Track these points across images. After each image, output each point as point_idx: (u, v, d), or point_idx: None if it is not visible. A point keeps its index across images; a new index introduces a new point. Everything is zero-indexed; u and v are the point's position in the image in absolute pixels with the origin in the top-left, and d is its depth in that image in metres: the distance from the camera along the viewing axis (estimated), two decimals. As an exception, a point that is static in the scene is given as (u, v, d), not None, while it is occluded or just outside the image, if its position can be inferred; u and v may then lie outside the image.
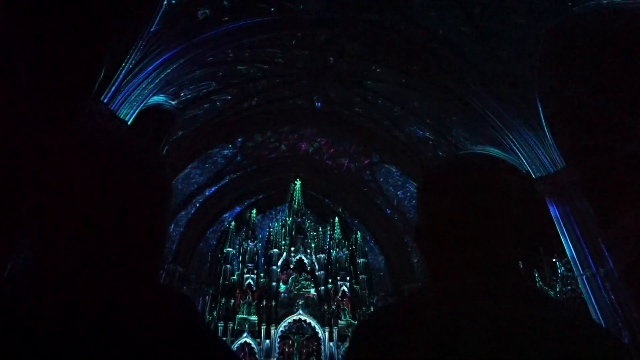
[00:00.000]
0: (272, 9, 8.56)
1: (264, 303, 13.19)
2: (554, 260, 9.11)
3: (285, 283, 13.84)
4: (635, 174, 6.64)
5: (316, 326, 13.20)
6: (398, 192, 14.77)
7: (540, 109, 8.25)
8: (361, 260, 15.20)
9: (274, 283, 13.58)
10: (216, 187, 14.18)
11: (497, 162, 1.13)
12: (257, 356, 12.38)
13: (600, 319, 6.93)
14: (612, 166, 7.03)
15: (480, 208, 1.00)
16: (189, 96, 10.16)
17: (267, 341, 12.61)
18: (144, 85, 7.69)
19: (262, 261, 14.45)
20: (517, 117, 8.61)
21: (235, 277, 13.76)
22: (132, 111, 7.55)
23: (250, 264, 14.10)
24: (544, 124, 8.32)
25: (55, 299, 0.73)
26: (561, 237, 7.74)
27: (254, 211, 15.55)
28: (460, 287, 0.95)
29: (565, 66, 7.52)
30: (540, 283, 8.96)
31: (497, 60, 8.39)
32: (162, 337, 0.74)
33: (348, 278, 14.50)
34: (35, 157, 0.86)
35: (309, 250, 14.57)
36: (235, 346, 12.30)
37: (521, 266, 1.00)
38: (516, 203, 1.01)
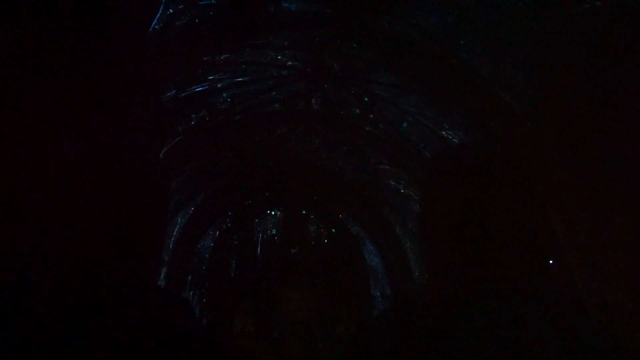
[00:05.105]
0: (271, 9, 8.58)
1: (263, 304, 13.18)
2: (550, 261, 9.13)
3: (283, 283, 13.84)
4: (633, 170, 6.68)
5: (314, 328, 13.19)
6: (395, 193, 14.77)
7: (533, 107, 8.30)
8: (359, 261, 15.21)
9: (273, 283, 13.58)
10: (215, 188, 14.16)
11: (502, 155, 1.12)
12: (255, 356, 12.36)
13: (598, 317, 6.95)
14: (610, 163, 7.06)
15: (481, 200, 0.99)
16: (187, 96, 10.15)
17: (266, 341, 12.60)
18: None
19: (260, 262, 14.44)
20: (512, 117, 8.64)
21: (233, 278, 13.74)
22: (132, 109, 7.51)
23: (248, 265, 14.10)
24: (539, 122, 8.35)
25: (51, 300, 0.73)
26: (558, 235, 7.77)
27: (253, 211, 15.53)
28: (457, 287, 0.94)
29: (561, 65, 7.55)
30: (539, 282, 8.94)
31: (493, 60, 8.43)
32: (159, 339, 0.74)
33: (347, 279, 14.50)
34: (33, 157, 0.85)
35: (307, 251, 14.57)
36: (234, 348, 12.27)
37: (521, 263, 1.00)
38: (517, 198, 1.01)
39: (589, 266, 7.36)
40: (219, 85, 10.74)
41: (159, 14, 7.18)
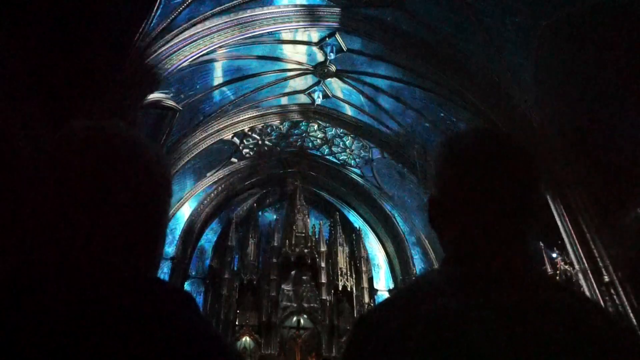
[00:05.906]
0: (272, 4, 8.57)
1: (265, 298, 13.22)
2: (554, 255, 9.11)
3: (285, 278, 13.87)
4: (635, 169, 6.66)
5: (317, 321, 13.23)
6: (397, 188, 14.77)
7: (536, 104, 8.26)
8: (362, 255, 15.24)
9: (275, 278, 13.60)
10: (216, 183, 14.19)
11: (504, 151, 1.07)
12: (258, 351, 12.42)
13: (598, 316, 6.95)
14: (612, 161, 7.04)
15: (484, 197, 0.98)
16: (188, 93, 10.15)
17: (268, 336, 12.65)
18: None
19: (263, 257, 14.47)
20: (515, 113, 8.60)
21: (236, 272, 13.79)
22: (131, 108, 7.50)
23: (250, 259, 14.13)
24: (541, 119, 8.32)
25: (51, 296, 0.72)
26: (561, 231, 7.77)
27: (255, 206, 15.57)
28: (463, 276, 0.93)
29: (565, 63, 7.51)
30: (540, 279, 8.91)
31: (498, 57, 8.38)
32: (161, 335, 0.73)
33: (349, 273, 14.54)
34: (34, 153, 0.86)
35: (309, 246, 14.57)
36: (236, 342, 12.34)
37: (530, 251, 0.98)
38: (519, 195, 1.00)
39: (590, 264, 7.34)
40: (219, 82, 10.73)
41: (157, 14, 7.15)
